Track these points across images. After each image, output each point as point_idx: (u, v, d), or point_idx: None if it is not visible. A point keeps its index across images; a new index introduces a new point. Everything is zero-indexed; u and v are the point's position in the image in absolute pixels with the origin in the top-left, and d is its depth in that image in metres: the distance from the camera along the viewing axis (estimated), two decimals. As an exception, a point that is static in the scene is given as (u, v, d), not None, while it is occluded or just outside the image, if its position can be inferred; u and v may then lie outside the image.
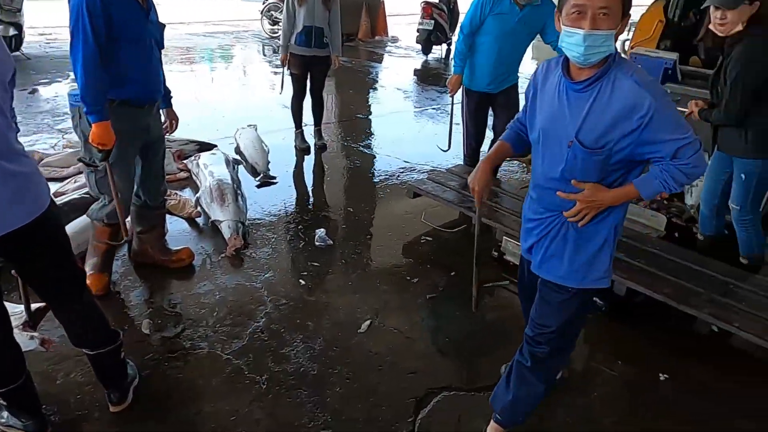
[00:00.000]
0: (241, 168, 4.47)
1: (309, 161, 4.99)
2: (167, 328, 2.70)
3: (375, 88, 7.82)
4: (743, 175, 2.94)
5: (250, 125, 5.08)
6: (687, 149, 1.57)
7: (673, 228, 3.76)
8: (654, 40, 5.59)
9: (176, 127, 3.12)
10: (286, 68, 4.84)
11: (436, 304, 3.02)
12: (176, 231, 3.55)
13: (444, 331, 2.78)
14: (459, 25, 9.76)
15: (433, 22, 8.83)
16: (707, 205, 3.24)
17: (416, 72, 8.91)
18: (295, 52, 4.72)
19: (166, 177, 3.54)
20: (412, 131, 6.05)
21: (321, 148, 5.15)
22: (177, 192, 3.96)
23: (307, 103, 5.07)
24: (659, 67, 3.32)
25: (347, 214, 4.03)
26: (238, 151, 4.85)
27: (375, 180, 4.67)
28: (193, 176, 4.23)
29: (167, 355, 2.52)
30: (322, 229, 3.62)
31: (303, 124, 5.19)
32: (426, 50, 9.28)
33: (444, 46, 9.70)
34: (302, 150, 5.08)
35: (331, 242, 3.54)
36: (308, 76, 4.90)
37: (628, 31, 5.37)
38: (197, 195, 3.81)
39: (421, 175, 4.58)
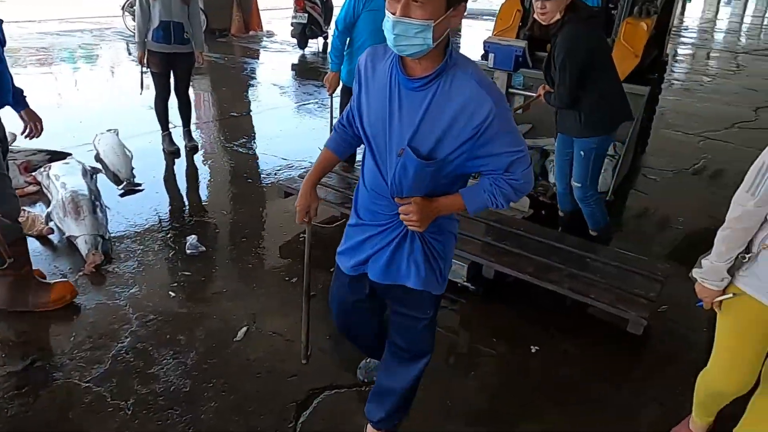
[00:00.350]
0: (101, 177, 4.13)
1: (180, 165, 4.72)
2: (13, 361, 2.42)
3: (251, 85, 7.57)
4: (582, 152, 3.12)
5: (111, 130, 4.70)
6: (520, 163, 1.49)
7: (539, 206, 3.98)
8: (513, 29, 5.87)
9: (41, 129, 2.76)
10: (144, 67, 4.52)
11: (316, 303, 2.95)
12: (25, 251, 3.20)
13: (325, 329, 2.73)
14: (334, 18, 9.82)
15: (306, 15, 8.71)
16: (561, 183, 3.44)
17: (293, 67, 8.75)
18: (153, 50, 4.42)
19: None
20: (289, 127, 5.92)
21: (192, 150, 4.89)
22: (25, 208, 3.57)
23: (175, 102, 4.79)
24: (510, 54, 3.37)
25: (221, 217, 3.86)
26: (98, 158, 4.47)
27: (251, 180, 4.52)
28: (44, 189, 3.84)
29: (13, 392, 2.25)
30: (194, 236, 3.43)
31: (170, 126, 4.90)
32: (301, 44, 9.14)
33: (320, 39, 9.61)
34: (171, 153, 4.79)
35: (204, 249, 3.36)
36: (171, 75, 4.62)
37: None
38: (48, 210, 3.46)
39: (300, 171, 4.48)
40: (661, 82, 6.23)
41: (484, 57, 3.56)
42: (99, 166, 4.30)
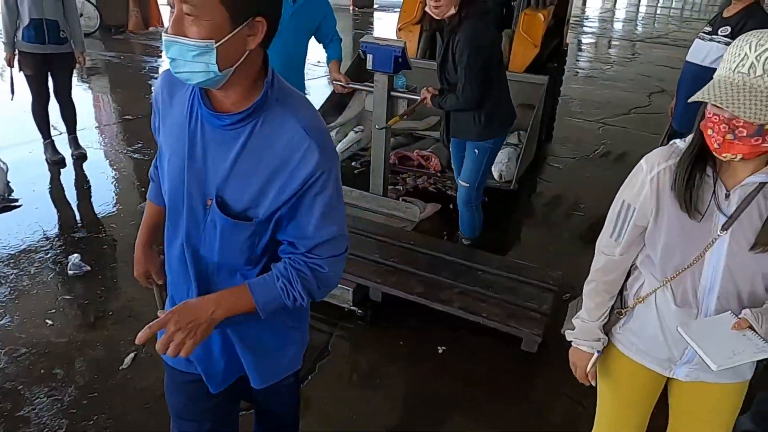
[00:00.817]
0: (-29, 193, 3.72)
1: (66, 175, 4.34)
2: None
3: (150, 85, 7.13)
4: (476, 151, 2.98)
5: (-19, 140, 4.25)
6: (330, 246, 1.16)
7: (448, 200, 3.96)
8: (417, 20, 5.86)
9: None
10: (16, 69, 4.09)
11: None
12: None
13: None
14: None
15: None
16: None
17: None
18: (25, 50, 4.02)
19: None
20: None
21: (79, 159, 4.51)
22: None
23: (56, 107, 4.39)
24: (389, 55, 3.08)
25: (110, 232, 3.57)
26: (-33, 173, 4.02)
27: (144, 189, 4.22)
28: None
29: None
30: (77, 255, 3.14)
31: (56, 133, 4.50)
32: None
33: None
34: (55, 163, 4.39)
35: (88, 268, 3.09)
36: (48, 77, 4.22)
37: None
38: None
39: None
40: (562, 70, 6.43)
41: (363, 57, 3.31)
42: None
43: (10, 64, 4.03)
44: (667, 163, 1.24)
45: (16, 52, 4.02)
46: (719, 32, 3.17)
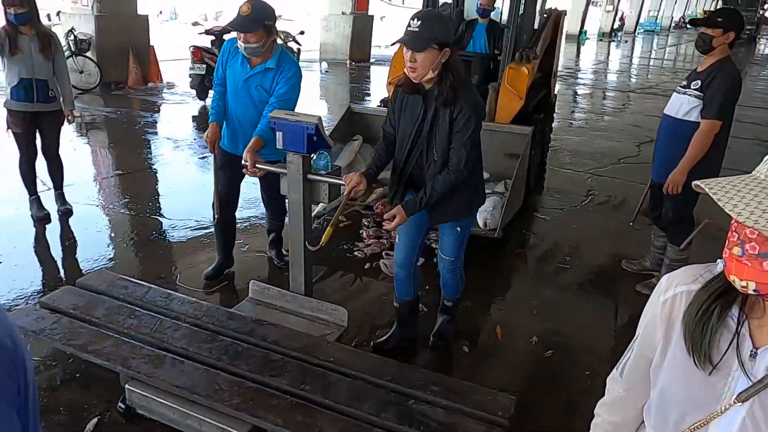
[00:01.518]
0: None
1: (51, 232, 4.33)
2: None
3: (145, 139, 7.22)
4: (459, 229, 2.73)
5: (-33, 198, 4.28)
6: None
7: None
8: None
9: None
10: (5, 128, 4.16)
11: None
12: None
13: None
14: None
15: (205, 66, 8.51)
16: (404, 270, 2.88)
17: (194, 119, 8.48)
18: (13, 109, 4.09)
19: None
20: (179, 184, 5.65)
21: (65, 214, 4.51)
22: None
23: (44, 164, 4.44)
24: (300, 133, 2.65)
25: (88, 289, 3.52)
26: (-49, 230, 4.04)
27: (129, 243, 4.21)
28: None
29: None
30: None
31: (41, 189, 4.53)
32: (201, 95, 8.89)
33: (222, 89, 9.45)
34: (40, 219, 4.39)
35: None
36: (37, 135, 4.29)
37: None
38: None
39: (185, 232, 4.25)
40: (551, 120, 6.52)
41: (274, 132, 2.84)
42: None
43: (-4, 122, 4.09)
44: (688, 286, 0.97)
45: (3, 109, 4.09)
46: (691, 86, 3.23)
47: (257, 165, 2.91)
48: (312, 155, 2.76)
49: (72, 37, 9.07)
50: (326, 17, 14.57)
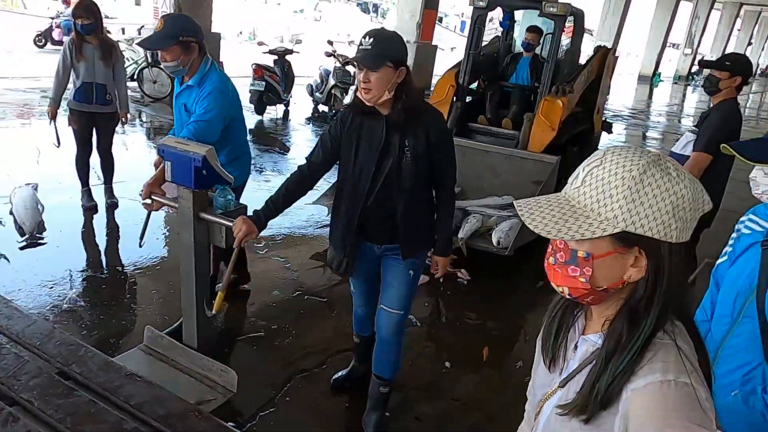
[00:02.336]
0: (9, 228, 4.18)
1: (97, 221, 4.75)
2: None
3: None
4: (412, 272, 2.38)
5: (29, 184, 4.75)
6: None
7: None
8: (447, 102, 6.21)
9: None
10: (59, 122, 4.64)
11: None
12: None
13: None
14: (295, 86, 10.14)
15: (264, 83, 9.03)
16: (367, 307, 2.67)
17: (250, 132, 8.97)
18: (74, 108, 4.58)
19: None
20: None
21: (111, 207, 4.94)
22: None
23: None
24: (188, 165, 2.32)
25: (115, 273, 3.86)
26: (11, 211, 4.51)
27: (161, 238, 4.55)
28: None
29: None
30: (74, 291, 3.42)
31: (94, 182, 4.98)
32: (259, 110, 9.41)
33: (280, 106, 9.94)
34: (88, 209, 4.84)
35: (83, 304, 3.34)
36: (93, 133, 4.75)
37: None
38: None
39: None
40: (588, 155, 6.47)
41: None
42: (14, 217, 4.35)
43: (53, 118, 4.56)
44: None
45: (66, 108, 4.57)
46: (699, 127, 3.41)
47: (155, 198, 2.61)
48: (210, 191, 2.48)
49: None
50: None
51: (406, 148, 2.20)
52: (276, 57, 9.57)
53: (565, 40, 6.35)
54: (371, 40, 2.07)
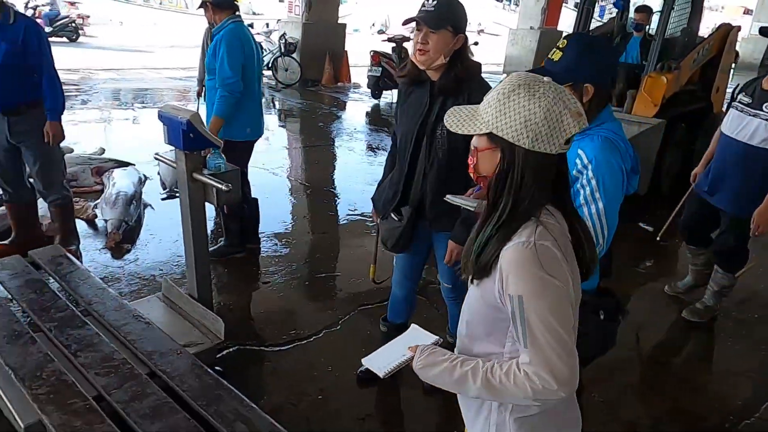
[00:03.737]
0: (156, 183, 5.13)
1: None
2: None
3: (326, 128, 8.44)
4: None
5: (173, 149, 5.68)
6: None
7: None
8: None
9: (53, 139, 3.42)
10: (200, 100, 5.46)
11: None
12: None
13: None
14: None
15: (380, 69, 9.58)
16: (403, 289, 2.68)
17: (367, 114, 9.60)
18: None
19: (84, 189, 4.47)
20: (348, 166, 6.71)
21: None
22: (81, 198, 4.51)
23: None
24: (177, 128, 2.45)
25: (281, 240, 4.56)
26: (158, 172, 5.44)
27: (268, 197, 5.23)
28: (105, 188, 4.82)
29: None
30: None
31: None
32: (375, 94, 9.99)
33: (395, 91, 10.46)
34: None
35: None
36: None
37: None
38: (97, 201, 4.39)
39: (344, 208, 5.12)
40: (701, 135, 6.20)
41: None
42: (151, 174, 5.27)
43: (198, 95, 5.38)
44: (550, 242, 1.21)
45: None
46: (764, 108, 2.95)
47: (157, 157, 2.88)
48: (203, 153, 2.61)
49: (283, 40, 10.85)
50: (514, 31, 14.90)
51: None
52: (394, 44, 10.08)
53: (681, 18, 6.10)
54: (435, 2, 2.06)
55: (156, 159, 2.91)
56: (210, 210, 3.20)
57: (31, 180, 3.61)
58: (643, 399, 2.86)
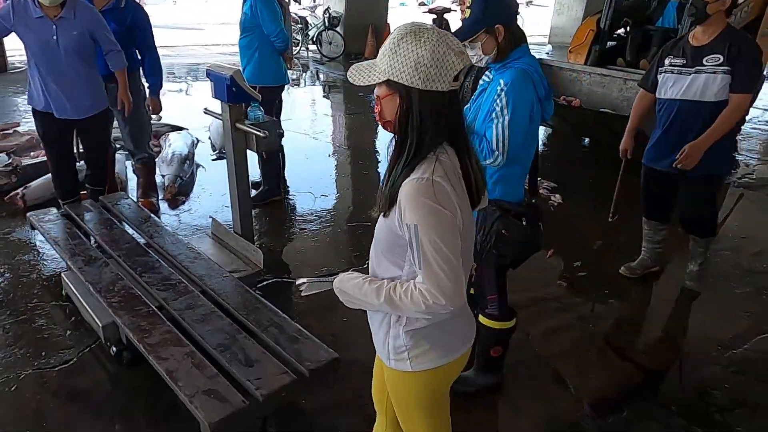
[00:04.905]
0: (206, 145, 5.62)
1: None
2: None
3: (366, 98, 8.78)
4: None
5: (223, 116, 6.17)
6: None
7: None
8: (586, 45, 6.48)
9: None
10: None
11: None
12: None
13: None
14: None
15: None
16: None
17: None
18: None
19: None
20: (384, 135, 7.01)
21: (279, 136, 6.13)
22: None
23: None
24: (222, 83, 2.81)
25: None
26: (209, 137, 5.93)
27: (307, 158, 5.62)
28: (162, 149, 5.34)
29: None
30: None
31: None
32: (415, 66, 10.24)
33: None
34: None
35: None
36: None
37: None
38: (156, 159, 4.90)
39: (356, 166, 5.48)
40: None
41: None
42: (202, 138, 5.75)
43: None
44: (441, 178, 1.32)
45: None
46: (705, 62, 2.87)
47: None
48: (244, 106, 2.95)
49: (327, 15, 11.17)
50: (560, 0, 14.71)
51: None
52: (435, 16, 10.25)
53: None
54: None
55: (206, 114, 3.31)
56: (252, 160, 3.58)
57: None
58: (636, 330, 3.14)
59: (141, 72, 3.99)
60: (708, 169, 3.00)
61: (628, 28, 6.78)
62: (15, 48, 8.25)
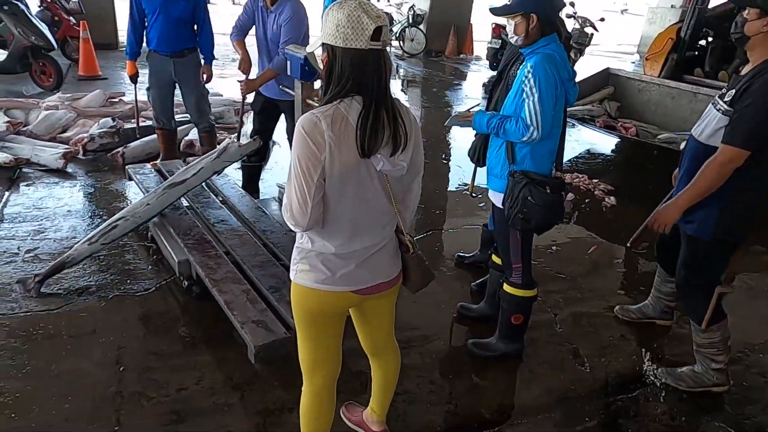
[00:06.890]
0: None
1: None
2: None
3: (443, 94, 9.03)
4: None
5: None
6: None
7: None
8: (663, 54, 6.47)
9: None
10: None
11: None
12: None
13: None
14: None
15: (500, 41, 9.85)
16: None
17: (484, 85, 9.97)
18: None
19: (228, 125, 5.43)
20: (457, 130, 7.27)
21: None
22: (225, 132, 5.55)
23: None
24: (297, 62, 3.21)
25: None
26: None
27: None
28: (243, 125, 5.83)
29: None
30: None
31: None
32: (492, 66, 10.28)
33: (516, 64, 10.67)
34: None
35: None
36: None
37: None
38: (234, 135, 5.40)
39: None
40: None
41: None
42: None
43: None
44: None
45: None
46: (725, 97, 2.27)
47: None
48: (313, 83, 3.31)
49: (411, 12, 11.48)
50: (653, 9, 14.28)
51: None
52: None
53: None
54: None
55: (281, 90, 3.70)
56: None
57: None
58: (662, 325, 3.21)
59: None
60: (691, 227, 2.41)
61: (710, 39, 6.65)
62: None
